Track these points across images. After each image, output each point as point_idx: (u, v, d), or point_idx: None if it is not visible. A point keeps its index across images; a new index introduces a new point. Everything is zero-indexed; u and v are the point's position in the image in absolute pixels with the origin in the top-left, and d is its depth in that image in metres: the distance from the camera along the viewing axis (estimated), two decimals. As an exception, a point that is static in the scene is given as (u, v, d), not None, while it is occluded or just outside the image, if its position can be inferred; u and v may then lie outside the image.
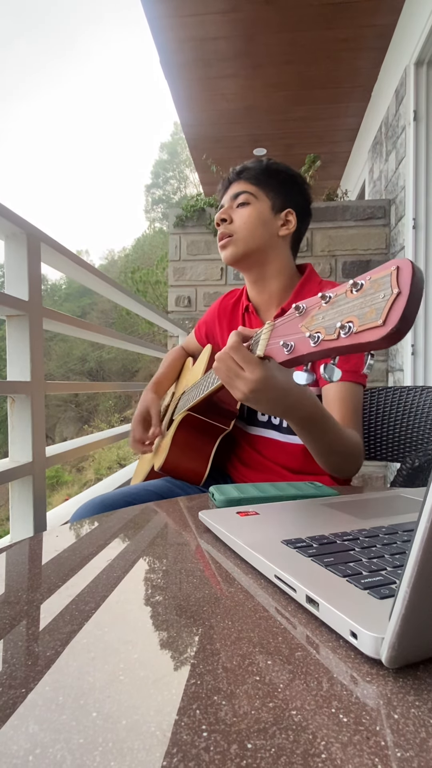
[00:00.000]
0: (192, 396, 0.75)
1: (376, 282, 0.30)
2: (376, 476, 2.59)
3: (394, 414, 0.91)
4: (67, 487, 11.85)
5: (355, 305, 0.31)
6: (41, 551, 0.36)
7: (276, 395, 0.49)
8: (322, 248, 2.64)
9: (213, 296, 2.78)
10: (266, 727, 0.18)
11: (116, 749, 0.17)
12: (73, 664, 0.22)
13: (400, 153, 2.34)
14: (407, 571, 0.19)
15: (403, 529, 0.34)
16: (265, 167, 0.79)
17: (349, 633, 0.22)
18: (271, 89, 3.13)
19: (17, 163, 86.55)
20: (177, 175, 28.34)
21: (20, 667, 0.22)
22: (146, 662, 0.22)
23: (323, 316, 0.35)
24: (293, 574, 0.27)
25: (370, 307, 0.30)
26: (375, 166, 3.01)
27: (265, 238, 0.78)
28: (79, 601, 0.28)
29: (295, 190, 0.80)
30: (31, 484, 0.82)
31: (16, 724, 0.18)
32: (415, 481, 0.69)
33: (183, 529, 0.41)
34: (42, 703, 0.19)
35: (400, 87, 2.35)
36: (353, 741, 0.17)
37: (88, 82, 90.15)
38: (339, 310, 0.33)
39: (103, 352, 20.14)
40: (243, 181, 0.79)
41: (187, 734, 0.18)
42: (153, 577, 0.31)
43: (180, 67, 2.96)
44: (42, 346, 0.88)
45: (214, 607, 0.27)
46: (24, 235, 0.84)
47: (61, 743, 0.17)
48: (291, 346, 0.38)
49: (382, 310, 0.29)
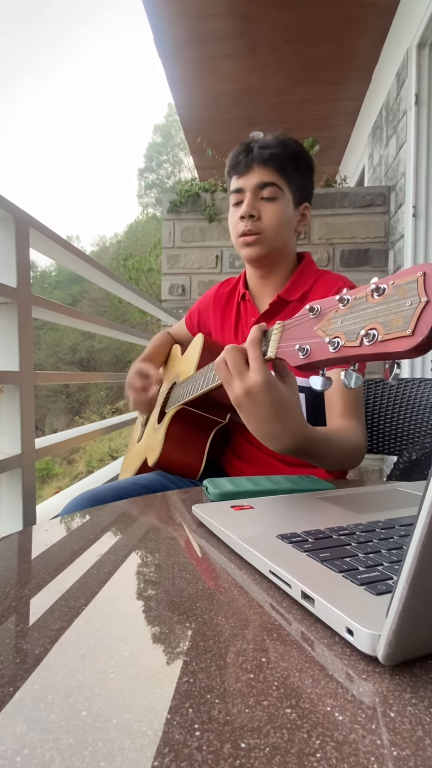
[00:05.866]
0: (186, 390, 0.74)
1: (401, 288, 0.29)
2: (372, 469, 2.62)
3: (392, 407, 0.91)
4: (58, 479, 11.85)
5: (378, 311, 0.30)
6: (30, 545, 0.35)
7: (269, 411, 0.44)
8: (319, 236, 2.61)
9: (208, 285, 2.75)
10: (260, 725, 0.18)
11: (106, 749, 0.17)
12: (63, 662, 0.21)
13: (401, 138, 2.30)
14: (405, 567, 0.19)
15: (400, 523, 0.34)
16: (291, 153, 0.74)
17: (345, 630, 0.22)
18: (268, 70, 3.05)
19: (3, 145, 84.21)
20: (171, 158, 27.79)
21: (8, 665, 0.21)
22: (138, 660, 0.21)
23: (341, 320, 0.33)
24: (288, 570, 0.26)
25: (395, 315, 0.29)
26: (375, 151, 2.97)
27: (287, 237, 0.76)
28: (69, 597, 0.27)
29: (310, 179, 0.79)
30: (21, 476, 0.81)
31: (4, 724, 0.18)
32: (412, 474, 0.69)
33: (176, 523, 0.41)
34: (30, 702, 0.19)
35: (401, 69, 2.30)
36: (349, 740, 0.17)
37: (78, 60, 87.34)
38: (360, 315, 0.31)
39: (94, 342, 19.98)
40: (270, 170, 0.73)
41: (179, 733, 0.17)
42: (145, 572, 0.31)
43: (175, 46, 2.87)
44: (31, 335, 0.86)
45: (207, 603, 0.26)
46: (12, 220, 0.82)
47: (50, 743, 0.17)
48: (307, 351, 0.36)
49: (410, 318, 0.28)
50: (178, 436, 0.74)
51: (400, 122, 2.32)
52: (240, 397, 0.45)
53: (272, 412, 0.44)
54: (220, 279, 2.69)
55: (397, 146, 2.39)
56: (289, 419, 0.45)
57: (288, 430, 0.45)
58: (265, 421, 0.45)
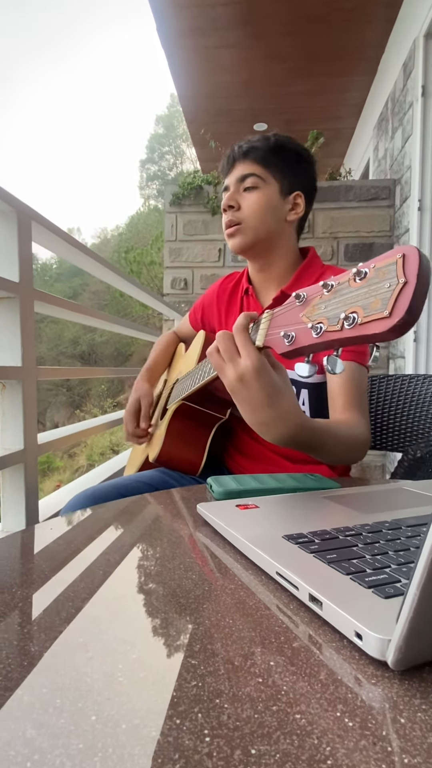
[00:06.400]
0: (186, 385, 0.74)
1: (381, 270, 0.29)
2: (375, 465, 2.62)
3: (396, 403, 0.90)
4: (59, 473, 11.90)
5: (359, 294, 0.30)
6: (34, 545, 0.35)
7: (262, 396, 0.44)
8: (323, 230, 2.58)
9: (210, 278, 2.73)
10: (270, 731, 0.18)
11: (116, 755, 0.16)
12: (70, 665, 0.21)
13: (407, 130, 2.27)
14: (416, 573, 0.19)
15: (406, 524, 0.34)
16: (273, 145, 0.75)
17: (354, 634, 0.22)
18: (273, 61, 3.01)
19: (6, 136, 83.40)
20: (173, 150, 27.50)
21: (16, 668, 0.21)
22: (145, 662, 0.21)
23: (325, 305, 0.33)
24: (295, 572, 0.26)
25: (375, 297, 0.29)
26: (380, 143, 2.93)
27: (274, 225, 0.75)
28: (75, 598, 0.27)
29: (303, 169, 0.77)
30: (23, 472, 0.81)
31: (13, 728, 0.18)
32: (417, 472, 0.69)
33: (180, 522, 0.41)
34: (39, 706, 0.19)
35: (408, 60, 2.26)
36: (359, 746, 0.17)
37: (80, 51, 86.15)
38: (342, 299, 0.32)
39: (95, 335, 19.96)
40: (250, 162, 0.75)
41: (189, 739, 0.17)
42: (151, 573, 0.30)
43: (177, 35, 2.82)
44: (33, 330, 0.86)
45: (214, 605, 0.26)
46: (14, 214, 0.81)
47: (60, 749, 0.17)
48: (292, 337, 0.37)
49: (388, 300, 0.28)
50: (178, 432, 0.74)
51: (406, 114, 2.28)
52: (233, 383, 0.45)
53: (265, 398, 0.44)
54: (222, 273, 2.67)
55: (402, 139, 2.36)
56: (281, 406, 0.45)
57: (281, 417, 0.45)
58: (258, 408, 0.45)
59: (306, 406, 0.73)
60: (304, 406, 0.73)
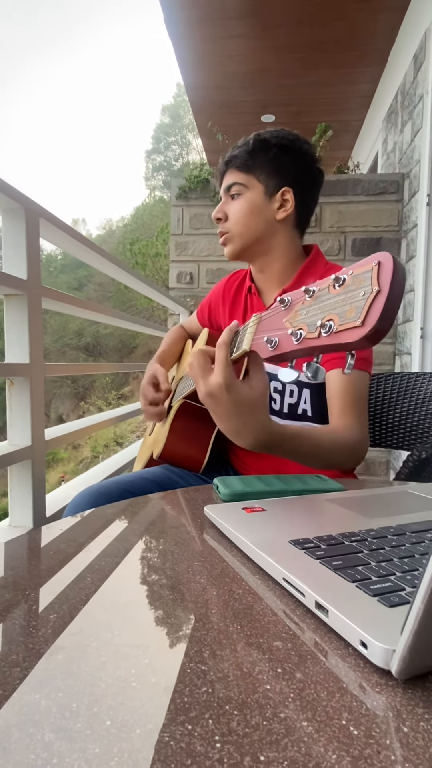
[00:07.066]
0: (188, 383, 0.75)
1: (358, 278, 0.29)
2: (379, 461, 2.62)
3: (401, 401, 0.90)
4: (63, 464, 12.02)
5: (336, 302, 0.30)
6: (40, 546, 0.36)
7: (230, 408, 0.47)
8: (330, 224, 2.56)
9: (216, 273, 2.72)
10: (278, 738, 0.18)
11: (132, 760, 0.17)
12: (85, 669, 0.22)
13: (417, 124, 2.23)
14: (422, 585, 0.19)
15: (410, 530, 0.34)
16: (252, 148, 0.74)
17: (359, 642, 0.22)
18: (281, 52, 2.96)
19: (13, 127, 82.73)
20: (179, 140, 27.21)
21: (32, 672, 0.22)
22: (157, 668, 0.22)
23: (306, 311, 0.33)
24: (302, 578, 0.27)
25: (350, 305, 0.29)
26: (389, 137, 2.88)
27: (262, 228, 0.75)
28: (86, 602, 0.28)
29: (289, 161, 0.74)
30: (31, 468, 0.82)
31: (32, 732, 0.18)
32: (421, 473, 0.69)
33: (188, 524, 0.41)
34: (56, 710, 0.19)
35: (419, 52, 2.22)
36: (364, 755, 0.18)
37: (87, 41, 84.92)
38: (321, 306, 0.32)
39: (100, 327, 20.00)
40: (232, 171, 0.76)
41: (200, 745, 0.18)
42: (160, 578, 0.31)
43: (185, 25, 2.78)
44: (41, 327, 0.87)
45: (222, 610, 0.27)
46: (22, 211, 0.81)
47: (77, 753, 0.17)
48: (275, 342, 0.37)
49: (361, 309, 0.28)
50: (182, 430, 0.75)
51: (416, 107, 2.24)
52: (203, 396, 0.48)
53: (233, 411, 0.47)
54: (228, 267, 2.66)
55: (412, 132, 2.32)
56: (250, 418, 0.48)
57: (250, 427, 0.48)
58: (227, 419, 0.48)
59: (307, 405, 0.73)
60: (306, 406, 0.73)
